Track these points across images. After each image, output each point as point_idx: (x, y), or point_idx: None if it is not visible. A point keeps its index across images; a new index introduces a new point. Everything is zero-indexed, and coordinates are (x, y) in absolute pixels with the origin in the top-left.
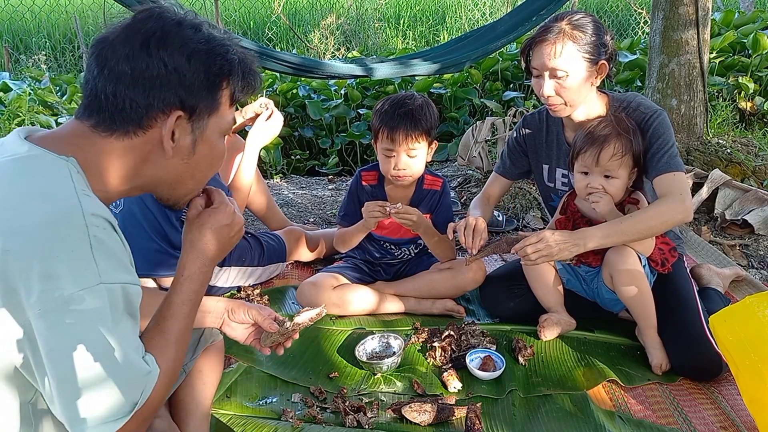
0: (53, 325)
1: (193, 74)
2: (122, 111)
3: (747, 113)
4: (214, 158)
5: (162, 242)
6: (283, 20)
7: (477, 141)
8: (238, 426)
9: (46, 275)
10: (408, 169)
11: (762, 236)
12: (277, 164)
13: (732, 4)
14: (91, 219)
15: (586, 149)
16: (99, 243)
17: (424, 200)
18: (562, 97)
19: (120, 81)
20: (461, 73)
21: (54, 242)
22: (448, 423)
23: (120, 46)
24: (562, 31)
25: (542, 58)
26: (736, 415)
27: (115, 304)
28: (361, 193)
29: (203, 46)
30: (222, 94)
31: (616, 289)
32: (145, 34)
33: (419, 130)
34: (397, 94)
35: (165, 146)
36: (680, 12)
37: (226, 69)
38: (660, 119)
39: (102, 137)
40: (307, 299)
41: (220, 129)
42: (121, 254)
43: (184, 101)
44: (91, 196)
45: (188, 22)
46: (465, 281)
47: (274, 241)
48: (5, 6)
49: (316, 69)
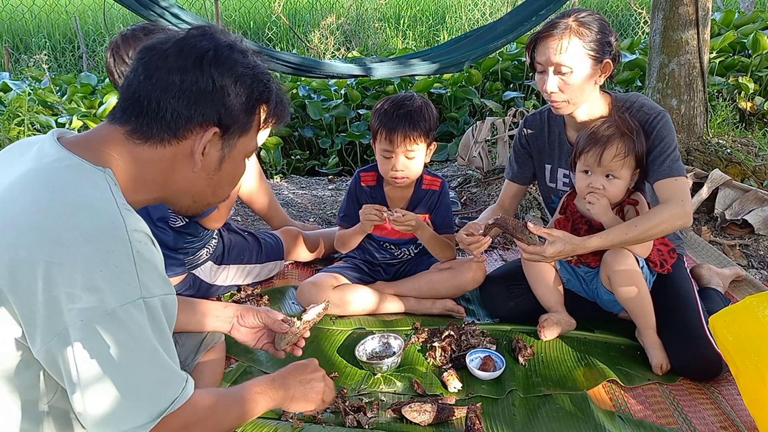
0: (92, 336)
1: (237, 96)
2: (162, 119)
3: (747, 113)
4: (235, 177)
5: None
6: (283, 20)
7: (477, 141)
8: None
9: (89, 288)
10: (406, 170)
11: (762, 236)
12: (277, 164)
13: (732, 4)
14: (134, 234)
15: (589, 149)
16: (141, 258)
17: (423, 200)
18: (565, 94)
19: (167, 90)
20: (461, 73)
21: (98, 256)
22: (448, 423)
23: (173, 58)
24: (569, 27)
25: (547, 53)
26: (736, 415)
27: (155, 316)
28: (360, 194)
29: (249, 71)
30: (255, 118)
31: (613, 290)
32: (199, 51)
33: (418, 132)
34: (396, 95)
35: (195, 158)
36: (680, 12)
37: (265, 96)
38: (664, 121)
39: (136, 144)
40: (307, 299)
41: (246, 150)
42: (160, 266)
43: (222, 119)
44: (131, 211)
45: (238, 47)
46: (465, 281)
47: (271, 240)
48: (5, 6)
49: (316, 69)
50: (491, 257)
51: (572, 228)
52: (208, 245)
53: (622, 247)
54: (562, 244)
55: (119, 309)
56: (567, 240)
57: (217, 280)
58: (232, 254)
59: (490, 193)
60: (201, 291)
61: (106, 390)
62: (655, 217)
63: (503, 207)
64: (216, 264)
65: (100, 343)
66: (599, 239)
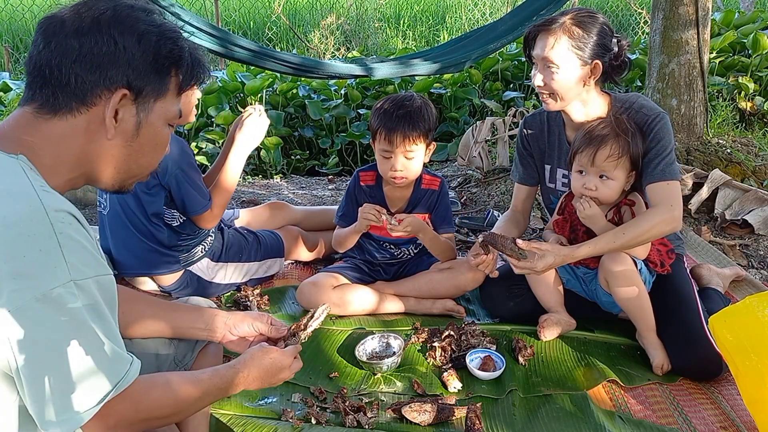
0: (25, 323)
1: (142, 55)
2: (66, 86)
3: (747, 113)
4: (157, 144)
5: (149, 241)
6: (283, 20)
7: (477, 141)
8: (238, 426)
9: (16, 274)
10: (405, 170)
11: (762, 236)
12: (277, 164)
13: (732, 4)
14: (56, 215)
15: (583, 149)
16: (67, 239)
17: (422, 200)
18: (551, 89)
19: (67, 55)
20: (461, 73)
21: (21, 242)
22: (448, 423)
23: (69, 22)
24: (562, 25)
25: (538, 47)
26: (736, 415)
27: (90, 297)
28: (360, 194)
29: (154, 29)
30: (170, 80)
31: (612, 292)
32: (96, 11)
33: (417, 132)
34: (395, 95)
35: (107, 124)
36: (680, 12)
37: (176, 54)
38: (662, 123)
39: (46, 120)
40: (307, 299)
41: (166, 116)
42: (90, 246)
43: (131, 81)
44: (50, 191)
45: (140, 6)
46: (465, 281)
47: (272, 238)
48: (5, 6)
49: (316, 69)
50: None
51: (570, 229)
52: (204, 242)
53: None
54: (552, 257)
55: (49, 293)
56: (556, 252)
57: (215, 277)
58: (230, 252)
59: (490, 193)
60: (200, 289)
61: (45, 376)
62: (644, 222)
63: (516, 211)
64: (214, 261)
65: (34, 329)
66: (588, 248)
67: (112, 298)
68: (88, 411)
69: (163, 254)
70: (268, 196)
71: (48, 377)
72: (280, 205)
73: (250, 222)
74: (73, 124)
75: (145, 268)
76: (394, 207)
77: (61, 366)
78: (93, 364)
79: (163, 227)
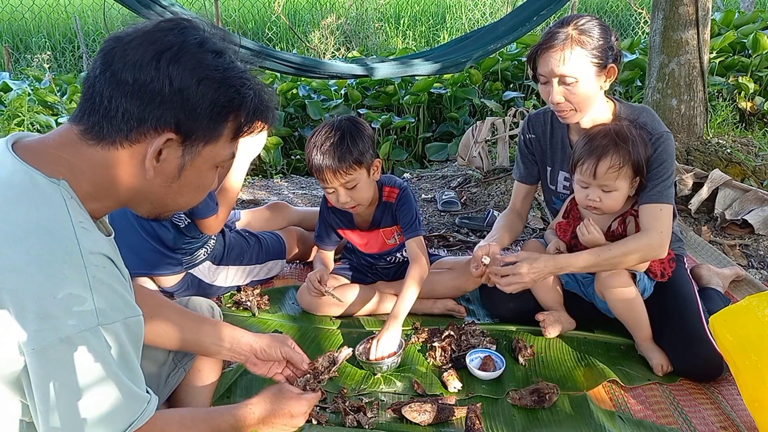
0: (46, 363)
1: (199, 99)
2: (114, 118)
3: (747, 113)
4: (200, 187)
5: (155, 242)
6: (283, 20)
7: (477, 141)
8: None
9: (42, 315)
10: (351, 200)
11: (762, 236)
12: (277, 164)
13: (732, 4)
14: (90, 258)
15: (584, 161)
16: (98, 282)
17: (385, 213)
18: (571, 103)
19: (119, 88)
20: (461, 73)
21: (51, 282)
22: (448, 423)
23: (131, 52)
24: (570, 37)
25: (550, 65)
26: (736, 415)
27: (116, 341)
28: (329, 216)
29: (218, 74)
30: (226, 126)
31: (610, 308)
32: (161, 45)
33: (346, 165)
34: (321, 125)
35: (147, 164)
36: (680, 12)
37: (237, 102)
38: (665, 144)
39: (89, 146)
40: (308, 299)
41: (215, 160)
42: (121, 289)
43: (181, 124)
44: (88, 230)
45: (211, 45)
46: (465, 281)
47: (272, 239)
48: (5, 6)
49: (316, 69)
50: None
51: (573, 233)
52: (207, 245)
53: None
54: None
55: (74, 336)
56: (533, 257)
57: (216, 280)
58: (231, 255)
59: (490, 193)
60: (200, 291)
61: (62, 416)
62: (630, 244)
63: (515, 210)
64: (215, 264)
65: (55, 370)
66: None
67: (138, 337)
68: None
69: (166, 255)
70: (268, 196)
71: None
72: (280, 205)
73: (251, 223)
74: (115, 156)
75: (147, 268)
76: (365, 223)
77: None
78: (111, 404)
79: (170, 228)
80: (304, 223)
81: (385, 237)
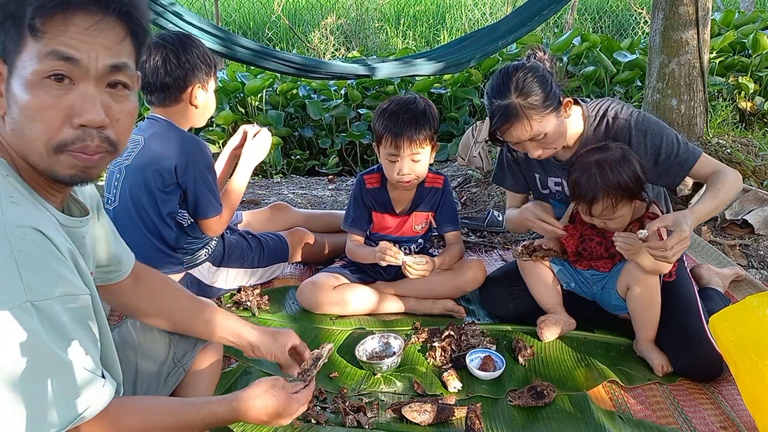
0: None
1: None
2: None
3: (747, 113)
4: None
5: (156, 240)
6: (283, 20)
7: (477, 141)
8: (238, 426)
9: None
10: (413, 173)
11: (762, 236)
12: (277, 164)
13: (732, 4)
14: (16, 231)
15: (578, 202)
16: (26, 257)
17: (426, 199)
18: (550, 148)
19: None
20: (461, 73)
21: None
22: (448, 423)
23: None
24: (518, 107)
25: (516, 136)
26: (736, 415)
27: (51, 319)
28: (366, 197)
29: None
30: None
31: (629, 299)
32: None
33: (423, 136)
34: (399, 97)
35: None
36: (680, 12)
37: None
38: (646, 121)
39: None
40: (308, 299)
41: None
42: (58, 263)
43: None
44: (19, 203)
45: None
46: (465, 282)
47: (275, 241)
48: None
49: (317, 69)
50: (491, 257)
51: (580, 238)
52: (209, 245)
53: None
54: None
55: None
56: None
57: (216, 282)
58: (232, 257)
59: (490, 193)
60: (199, 292)
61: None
62: (725, 181)
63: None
64: (215, 266)
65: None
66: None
67: (85, 316)
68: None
69: (166, 254)
70: (268, 196)
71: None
72: (281, 206)
73: (252, 223)
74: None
75: None
76: (399, 207)
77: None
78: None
79: (174, 227)
80: (310, 224)
81: (414, 222)
